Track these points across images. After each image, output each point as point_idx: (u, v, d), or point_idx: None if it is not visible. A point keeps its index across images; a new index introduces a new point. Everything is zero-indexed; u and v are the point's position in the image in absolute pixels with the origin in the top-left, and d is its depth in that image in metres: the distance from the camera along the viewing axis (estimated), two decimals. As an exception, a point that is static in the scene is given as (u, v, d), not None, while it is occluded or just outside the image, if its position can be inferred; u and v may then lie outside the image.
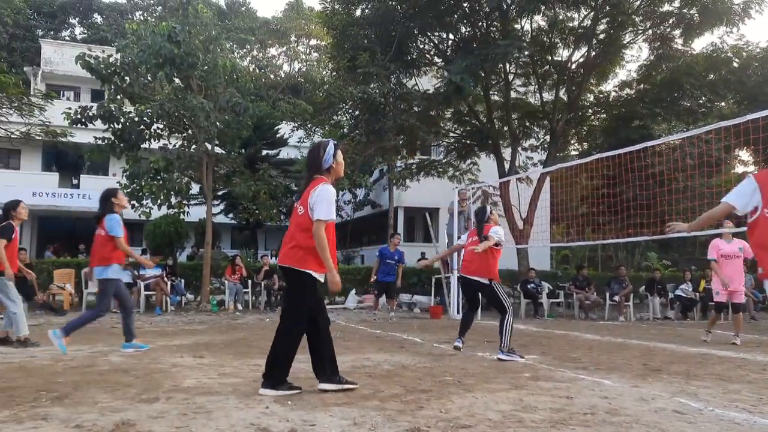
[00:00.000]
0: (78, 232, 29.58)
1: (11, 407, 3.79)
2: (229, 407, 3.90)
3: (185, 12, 13.56)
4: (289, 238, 4.52)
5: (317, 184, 4.45)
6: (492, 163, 17.87)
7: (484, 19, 16.13)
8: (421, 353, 6.83)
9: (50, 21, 47.51)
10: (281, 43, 47.80)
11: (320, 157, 4.56)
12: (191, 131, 13.93)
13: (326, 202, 4.35)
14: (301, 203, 4.49)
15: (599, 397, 4.44)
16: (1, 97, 14.85)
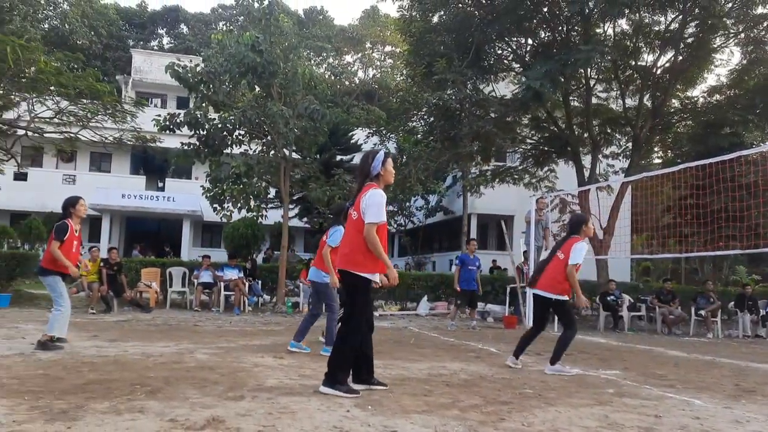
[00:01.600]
0: (162, 232, 31.00)
1: (110, 399, 3.99)
2: (312, 409, 3.97)
3: (267, 22, 13.94)
4: (346, 242, 4.73)
5: (368, 190, 4.60)
6: (570, 170, 17.45)
7: (565, 23, 15.80)
8: (498, 364, 6.72)
9: (140, 31, 50.04)
10: (356, 50, 48.48)
11: (369, 164, 4.73)
12: (270, 137, 14.31)
13: (376, 205, 4.49)
14: (355, 208, 4.65)
15: (690, 418, 4.26)
16: (97, 105, 15.72)
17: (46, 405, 3.74)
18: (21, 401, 3.81)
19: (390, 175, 4.82)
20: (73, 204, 6.88)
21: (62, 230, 6.62)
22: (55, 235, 6.62)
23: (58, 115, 16.07)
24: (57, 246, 6.55)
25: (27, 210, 25.96)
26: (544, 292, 6.45)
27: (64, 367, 5.23)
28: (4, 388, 4.19)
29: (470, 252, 12.10)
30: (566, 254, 6.37)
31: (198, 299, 13.57)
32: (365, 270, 4.56)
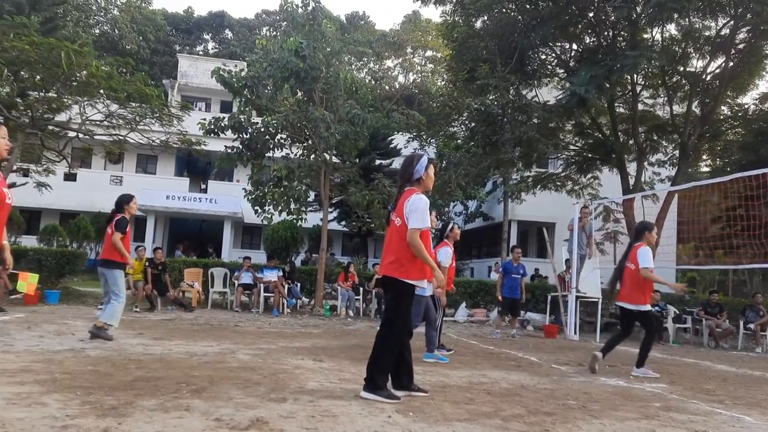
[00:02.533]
0: (204, 233, 31.57)
1: (157, 396, 4.07)
2: (354, 413, 3.97)
3: (311, 27, 14.10)
4: (389, 249, 4.68)
5: (410, 195, 4.58)
6: (615, 177, 17.13)
7: (611, 28, 15.55)
8: (540, 373, 6.63)
9: (186, 37, 51.17)
10: (397, 55, 48.58)
11: (412, 167, 4.68)
12: (312, 141, 14.45)
13: (419, 211, 4.47)
14: (397, 214, 4.62)
15: None
16: (145, 108, 16.13)
17: (97, 400, 3.83)
18: (73, 396, 3.92)
19: (430, 181, 4.79)
20: (128, 201, 7.57)
21: (124, 224, 7.27)
22: (116, 227, 7.22)
23: (108, 118, 16.53)
24: (119, 237, 7.15)
25: (76, 209, 26.80)
26: (626, 304, 6.95)
27: (113, 363, 5.35)
28: (57, 383, 4.30)
29: (514, 260, 11.95)
30: (634, 263, 6.77)
31: (238, 300, 13.77)
32: (411, 277, 4.54)
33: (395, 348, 4.56)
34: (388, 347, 4.54)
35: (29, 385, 4.16)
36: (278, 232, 22.06)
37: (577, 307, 12.45)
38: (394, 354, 4.57)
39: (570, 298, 12.36)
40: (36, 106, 15.77)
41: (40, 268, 13.29)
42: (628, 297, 6.95)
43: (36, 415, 3.38)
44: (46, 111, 16.25)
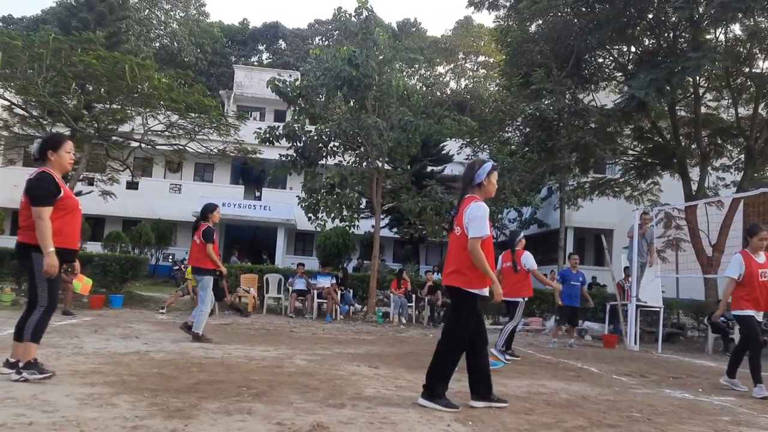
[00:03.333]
0: (257, 239, 32.18)
1: (220, 399, 4.17)
2: (412, 421, 3.96)
3: (364, 36, 14.22)
4: (452, 259, 4.64)
5: (469, 203, 4.55)
6: (676, 183, 16.59)
7: (671, 30, 15.10)
8: (600, 384, 6.46)
9: (242, 48, 52.40)
10: (449, 61, 48.46)
11: (474, 171, 4.65)
12: (364, 148, 14.55)
13: (478, 219, 4.45)
14: (457, 223, 4.60)
15: None
16: (204, 118, 16.61)
17: (164, 402, 3.95)
18: (141, 398, 4.04)
19: (492, 188, 4.74)
20: (212, 210, 8.21)
21: (211, 234, 7.87)
22: (205, 238, 7.82)
23: (169, 128, 17.10)
24: (211, 248, 7.77)
25: (137, 217, 27.75)
26: None
27: (177, 366, 5.50)
28: (125, 385, 4.45)
29: (572, 267, 11.71)
30: None
31: (292, 306, 13.95)
32: (473, 286, 4.51)
33: (456, 356, 4.55)
34: (449, 356, 4.53)
35: (99, 387, 4.32)
36: (330, 239, 22.25)
37: (637, 316, 12.09)
38: (455, 363, 4.55)
39: (630, 307, 12.01)
40: (101, 118, 16.44)
41: (104, 273, 13.79)
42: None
43: (107, 416, 3.51)
44: (111, 122, 16.93)
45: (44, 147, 4.60)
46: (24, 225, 4.46)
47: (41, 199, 4.37)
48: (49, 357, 5.51)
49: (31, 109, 16.04)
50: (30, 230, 4.38)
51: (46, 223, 4.30)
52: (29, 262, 4.40)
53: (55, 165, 4.58)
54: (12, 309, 10.99)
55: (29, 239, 4.39)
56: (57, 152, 4.59)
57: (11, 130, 18.07)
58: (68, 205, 4.53)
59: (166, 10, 49.13)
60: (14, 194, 26.64)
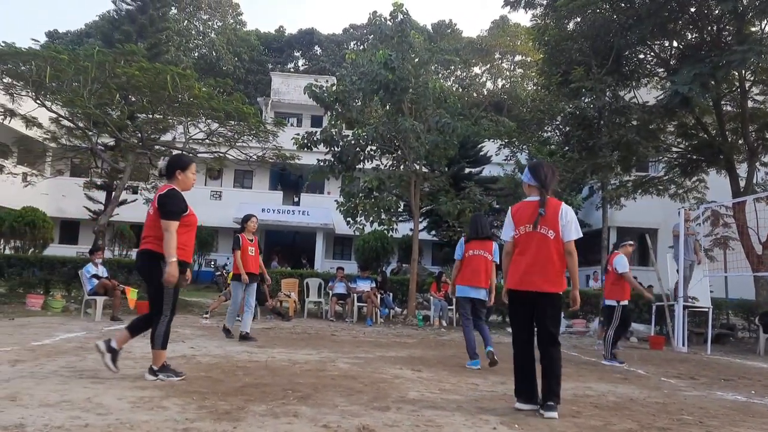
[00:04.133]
0: (297, 244, 32.48)
1: (266, 402, 4.22)
2: (457, 424, 3.94)
3: (399, 39, 14.23)
4: (542, 262, 4.49)
5: (560, 206, 4.52)
6: (723, 180, 16.14)
7: (714, 23, 14.72)
8: (649, 387, 6.32)
9: (278, 55, 53.05)
10: (485, 61, 48.19)
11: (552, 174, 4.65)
12: (401, 152, 14.55)
13: (575, 221, 4.51)
14: (550, 227, 4.50)
15: None
16: (243, 126, 16.85)
17: (212, 405, 4.01)
18: (190, 401, 4.12)
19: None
20: (246, 220, 8.93)
21: (235, 241, 8.71)
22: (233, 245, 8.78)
23: (209, 136, 17.38)
24: (237, 254, 8.57)
25: (180, 224, 28.30)
26: None
27: (222, 370, 5.59)
28: (174, 388, 4.55)
29: None
30: None
31: (333, 309, 14.02)
32: (562, 288, 4.55)
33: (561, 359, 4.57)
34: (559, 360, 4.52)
35: (150, 390, 4.41)
36: (369, 243, 22.32)
37: (685, 317, 11.79)
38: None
39: (677, 307, 11.72)
40: (144, 128, 16.82)
41: (149, 279, 14.06)
42: None
43: (159, 418, 3.58)
44: (153, 132, 17.30)
45: (173, 166, 5.10)
46: (152, 235, 4.90)
47: (172, 213, 4.82)
48: (100, 362, 5.65)
49: (77, 120, 16.49)
50: (158, 240, 4.81)
51: (173, 235, 4.75)
52: (156, 270, 4.76)
53: (180, 183, 5.06)
54: (62, 315, 11.34)
55: (158, 248, 4.81)
56: (184, 172, 5.08)
57: (59, 142, 18.64)
58: (191, 221, 5.03)
59: (204, 20, 50.19)
60: (63, 204, 27.71)
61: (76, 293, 13.25)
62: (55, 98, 15.73)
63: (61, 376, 4.83)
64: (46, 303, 12.04)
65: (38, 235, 15.43)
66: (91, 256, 11.66)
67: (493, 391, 5.41)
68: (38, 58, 14.11)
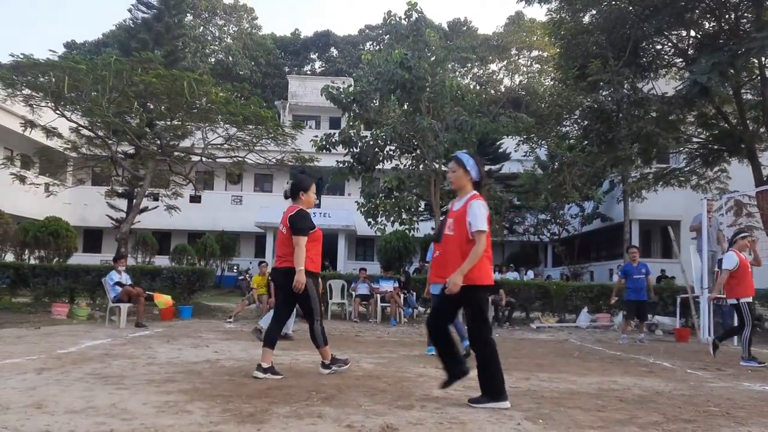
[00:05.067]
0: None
1: (291, 404, 4.24)
2: (481, 420, 3.93)
3: (415, 38, 14.25)
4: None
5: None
6: (746, 169, 15.88)
7: (732, 10, 14.48)
8: (674, 379, 6.25)
9: (294, 58, 53.29)
10: (501, 58, 47.98)
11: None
12: (420, 151, 14.56)
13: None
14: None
15: None
16: (261, 130, 16.96)
17: (236, 408, 4.04)
18: (214, 404, 4.15)
19: None
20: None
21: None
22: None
23: (228, 141, 17.53)
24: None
25: (202, 229, 28.58)
26: None
27: (246, 373, 5.62)
28: (198, 392, 4.59)
29: (632, 260, 11.34)
30: None
31: (356, 310, 14.04)
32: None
33: None
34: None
35: (174, 395, 4.46)
36: (391, 243, 22.28)
37: (710, 308, 11.62)
38: None
39: (702, 298, 11.55)
40: (163, 135, 17.03)
41: (173, 285, 14.25)
42: None
43: (183, 422, 3.63)
44: (172, 138, 17.51)
45: (297, 188, 5.74)
46: (288, 252, 5.51)
47: (303, 230, 5.47)
48: (125, 368, 5.78)
49: (96, 129, 16.74)
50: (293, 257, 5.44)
51: (302, 249, 5.41)
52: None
53: (303, 203, 5.70)
54: (88, 323, 11.50)
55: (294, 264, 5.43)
56: (306, 193, 5.72)
57: (79, 151, 18.93)
58: (317, 236, 5.66)
59: (219, 26, 50.61)
60: (85, 213, 28.15)
61: (100, 301, 13.44)
62: (75, 108, 15.98)
63: (86, 382, 4.89)
64: (72, 311, 12.22)
65: (62, 244, 15.67)
66: (115, 263, 11.80)
67: (516, 387, 5.37)
68: (56, 68, 14.35)
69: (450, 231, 4.55)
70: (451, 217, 4.61)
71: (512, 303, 14.38)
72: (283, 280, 5.55)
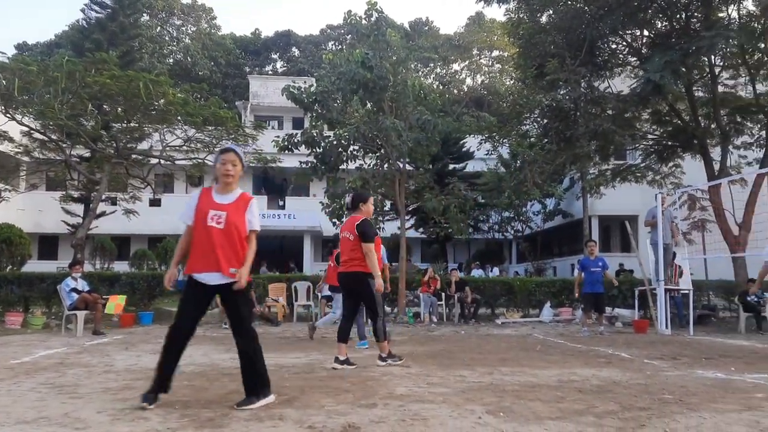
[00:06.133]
0: (285, 249, 32.31)
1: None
2: (443, 416, 3.95)
3: (376, 38, 14.24)
4: None
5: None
6: (698, 164, 16.32)
7: (683, 10, 14.86)
8: (632, 369, 6.40)
9: (255, 58, 52.72)
10: (463, 58, 48.32)
11: None
12: (384, 150, 14.54)
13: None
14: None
15: None
16: (221, 130, 16.71)
17: (195, 413, 3.97)
18: (172, 410, 4.07)
19: None
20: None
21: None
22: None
23: (187, 142, 17.22)
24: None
25: (162, 233, 27.96)
26: None
27: (207, 378, 5.55)
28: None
29: (590, 254, 11.58)
30: None
31: (323, 312, 13.94)
32: None
33: None
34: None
35: (131, 402, 4.35)
36: (357, 243, 22.26)
37: (667, 300, 11.92)
38: None
39: (659, 290, 11.84)
40: (119, 137, 16.65)
41: (132, 291, 13.96)
42: None
43: (139, 429, 3.56)
44: (129, 141, 17.13)
45: (357, 201, 6.48)
46: (355, 258, 6.20)
47: (371, 237, 6.16)
48: (80, 376, 5.64)
49: (50, 133, 16.26)
50: (361, 261, 6.14)
51: (374, 254, 6.14)
52: (366, 286, 6.18)
53: (363, 213, 6.40)
54: (43, 332, 11.17)
55: (362, 268, 6.16)
56: (366, 204, 6.45)
57: (32, 155, 18.37)
58: (378, 241, 6.37)
59: (177, 25, 49.75)
60: (40, 219, 27.34)
61: (57, 309, 13.09)
62: (26, 111, 15.49)
63: (38, 392, 4.75)
64: (26, 320, 11.88)
65: (15, 252, 15.20)
66: (70, 269, 11.51)
67: (480, 381, 5.44)
68: (6, 70, 13.93)
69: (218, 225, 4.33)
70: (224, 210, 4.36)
71: (478, 300, 14.51)
72: (351, 282, 6.30)
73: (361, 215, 6.34)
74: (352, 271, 6.20)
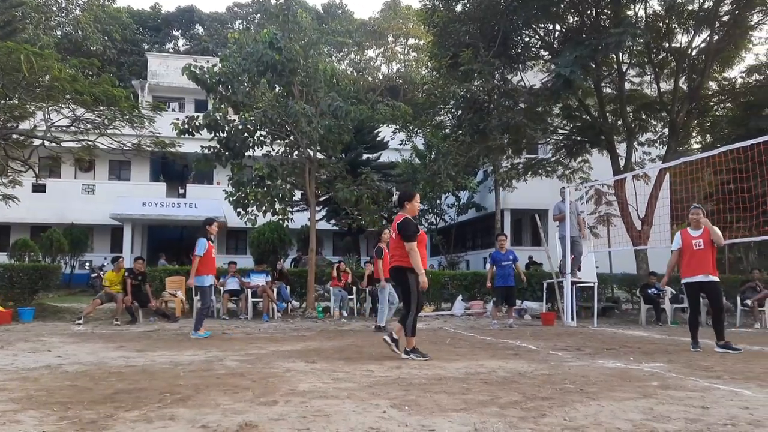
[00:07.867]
0: (185, 240, 30.84)
1: (140, 407, 3.84)
2: (347, 411, 3.80)
3: (285, 18, 13.57)
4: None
5: None
6: (605, 159, 16.82)
7: (594, 6, 15.21)
8: (537, 360, 6.49)
9: (155, 34, 49.97)
10: (378, 45, 47.92)
11: None
12: (294, 137, 13.92)
13: None
14: None
15: (739, 408, 4.02)
16: (114, 111, 15.38)
17: (75, 415, 3.61)
18: (50, 412, 3.69)
19: None
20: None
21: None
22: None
23: (75, 123, 15.76)
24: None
25: (47, 222, 25.88)
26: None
27: (92, 377, 5.06)
28: (32, 400, 4.07)
29: (500, 247, 11.56)
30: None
31: (225, 307, 13.23)
32: None
33: None
34: None
35: (3, 404, 3.95)
36: (264, 235, 21.42)
37: (573, 292, 12.10)
38: None
39: (565, 283, 12.00)
40: (-3, 115, 14.98)
41: (11, 285, 12.66)
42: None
43: (12, 433, 3.16)
44: (9, 119, 15.46)
45: (403, 199, 6.74)
46: (397, 254, 6.51)
47: (411, 236, 6.34)
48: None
49: None
50: (403, 257, 6.40)
51: (417, 252, 6.33)
52: (405, 279, 6.41)
53: (408, 211, 6.62)
54: None
55: (403, 263, 6.41)
56: (411, 202, 6.68)
57: None
58: (422, 238, 6.49)
59: (66, -5, 45.92)
60: None
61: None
62: None
63: None
64: None
65: None
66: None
67: (387, 375, 5.30)
68: None
69: None
70: None
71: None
72: (395, 276, 6.64)
73: (405, 213, 6.56)
74: (394, 265, 6.55)
